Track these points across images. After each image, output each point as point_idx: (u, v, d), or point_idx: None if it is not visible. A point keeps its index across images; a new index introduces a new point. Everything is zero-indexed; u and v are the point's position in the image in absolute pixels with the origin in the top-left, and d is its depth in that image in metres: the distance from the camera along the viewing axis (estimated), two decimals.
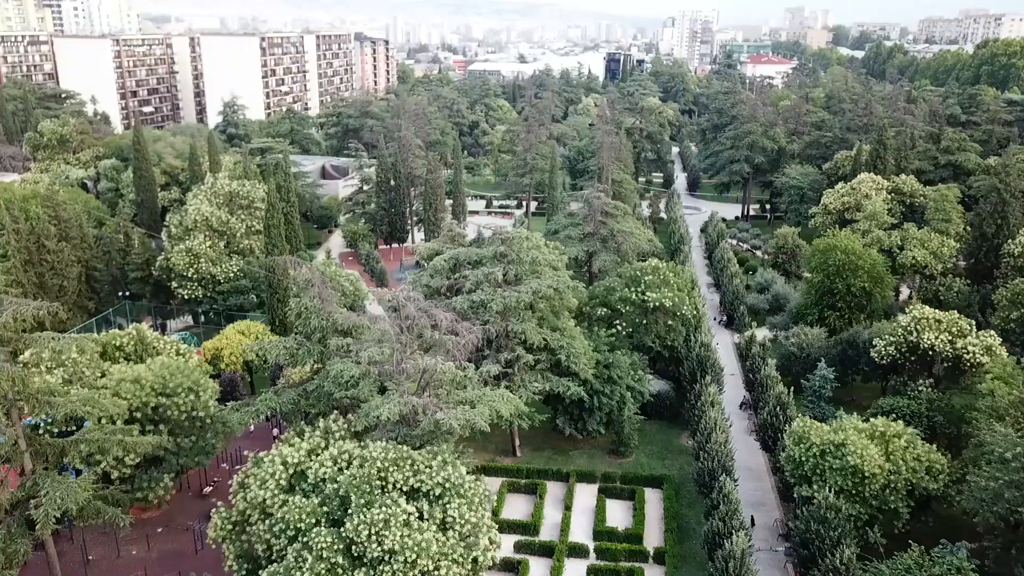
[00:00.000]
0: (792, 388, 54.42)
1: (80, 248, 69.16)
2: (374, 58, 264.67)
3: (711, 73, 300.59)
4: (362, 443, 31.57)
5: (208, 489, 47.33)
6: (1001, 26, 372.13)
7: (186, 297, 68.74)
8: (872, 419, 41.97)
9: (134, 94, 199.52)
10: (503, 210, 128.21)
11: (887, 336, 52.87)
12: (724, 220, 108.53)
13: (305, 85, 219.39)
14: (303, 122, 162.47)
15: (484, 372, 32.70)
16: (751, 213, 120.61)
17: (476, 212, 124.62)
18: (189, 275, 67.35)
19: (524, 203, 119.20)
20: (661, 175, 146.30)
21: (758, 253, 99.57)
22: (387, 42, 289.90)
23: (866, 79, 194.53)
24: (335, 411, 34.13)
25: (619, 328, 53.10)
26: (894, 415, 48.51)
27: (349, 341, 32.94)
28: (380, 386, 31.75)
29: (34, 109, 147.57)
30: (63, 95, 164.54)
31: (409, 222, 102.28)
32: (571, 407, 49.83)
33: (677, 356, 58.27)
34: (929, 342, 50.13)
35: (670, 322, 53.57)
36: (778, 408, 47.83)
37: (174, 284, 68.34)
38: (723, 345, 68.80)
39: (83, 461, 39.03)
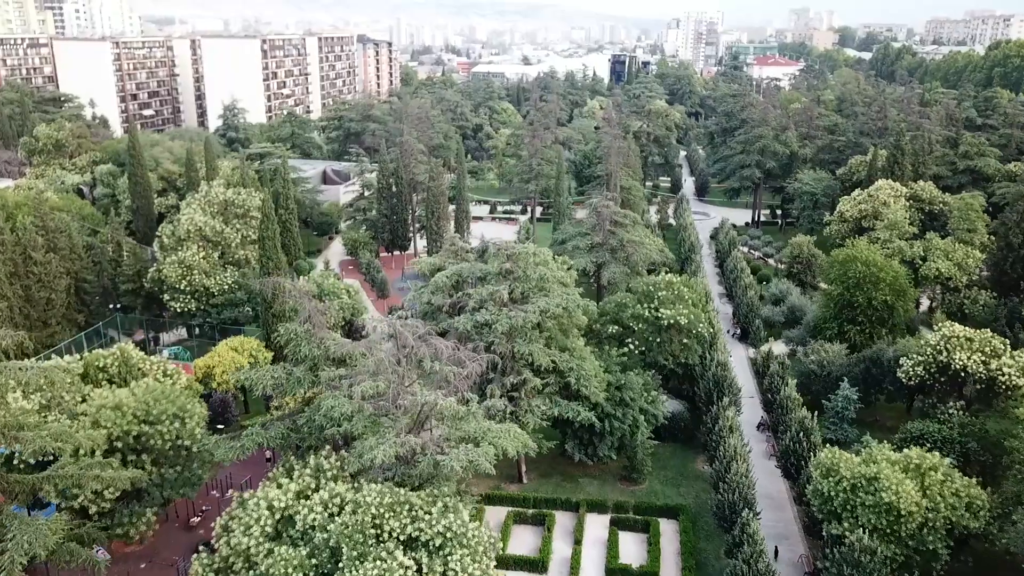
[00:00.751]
0: (812, 408, 51.70)
1: (69, 259, 66.54)
2: (377, 60, 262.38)
3: (717, 75, 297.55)
4: (356, 484, 28.86)
5: (196, 519, 44.63)
6: (1010, 27, 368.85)
7: (179, 310, 66.13)
8: (906, 449, 39.02)
9: (134, 97, 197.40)
10: (507, 216, 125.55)
11: (915, 355, 50.04)
12: (734, 226, 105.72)
13: (307, 88, 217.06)
14: (304, 125, 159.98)
15: (490, 406, 29.96)
16: (762, 219, 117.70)
17: (480, 218, 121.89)
18: (181, 287, 64.74)
19: (529, 209, 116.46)
20: (668, 179, 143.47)
21: (770, 261, 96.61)
22: (390, 44, 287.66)
23: (876, 81, 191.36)
24: (327, 446, 31.45)
25: (631, 347, 50.31)
26: (924, 440, 45.73)
27: (342, 372, 30.23)
28: (375, 420, 29.04)
29: (31, 113, 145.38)
30: (61, 98, 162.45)
31: (411, 229, 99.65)
32: (581, 431, 47.06)
33: (691, 374, 55.54)
34: (961, 363, 47.27)
35: (685, 340, 50.75)
36: (801, 434, 44.94)
37: (166, 297, 65.72)
38: (737, 359, 66.01)
39: (58, 495, 36.42)
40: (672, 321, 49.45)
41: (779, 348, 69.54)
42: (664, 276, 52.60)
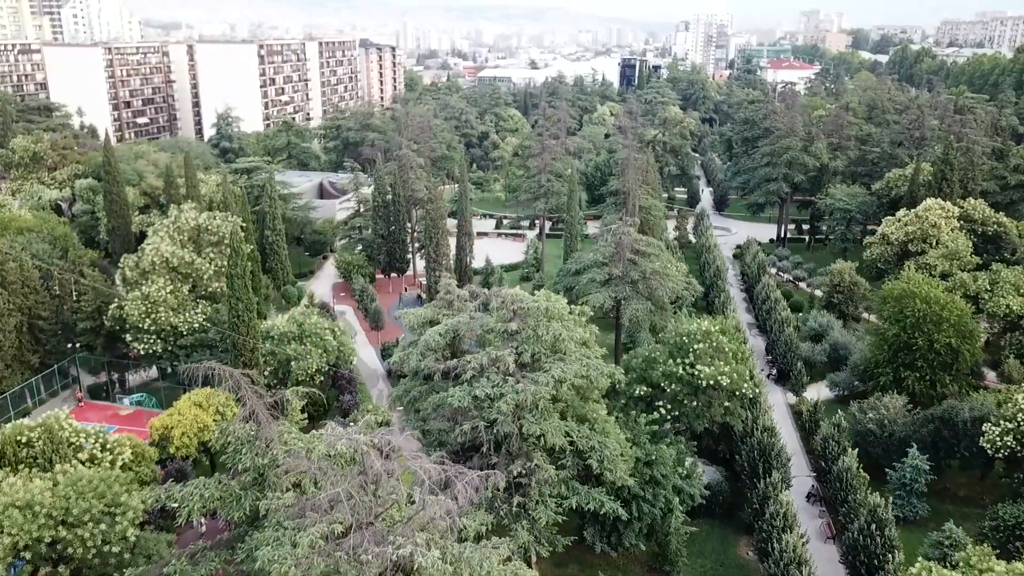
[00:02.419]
0: (869, 470, 43.83)
1: (20, 294, 59.05)
2: (380, 65, 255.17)
3: (731, 79, 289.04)
4: None
5: None
6: None
7: (142, 352, 58.47)
8: (1017, 562, 30.85)
9: (128, 105, 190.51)
10: (514, 231, 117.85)
11: (1002, 422, 41.88)
12: (759, 244, 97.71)
13: (307, 94, 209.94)
14: (301, 135, 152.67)
15: (489, 549, 22.10)
16: (788, 235, 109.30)
17: (485, 234, 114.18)
18: (145, 327, 57.07)
19: (537, 223, 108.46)
20: (685, 191, 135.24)
21: (802, 285, 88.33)
22: (394, 48, 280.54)
23: (901, 85, 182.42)
24: None
25: (662, 411, 42.30)
26: (1022, 531, 37.65)
27: (289, 499, 22.51)
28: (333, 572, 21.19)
29: (15, 122, 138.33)
30: (48, 107, 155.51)
31: (410, 249, 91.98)
32: (603, 516, 39.05)
33: (729, 433, 47.57)
34: None
35: (727, 403, 42.68)
36: (873, 526, 36.76)
37: (128, 337, 58.08)
38: (775, 404, 57.71)
39: None
40: (712, 381, 41.43)
41: (822, 392, 61.54)
42: (700, 324, 44.52)
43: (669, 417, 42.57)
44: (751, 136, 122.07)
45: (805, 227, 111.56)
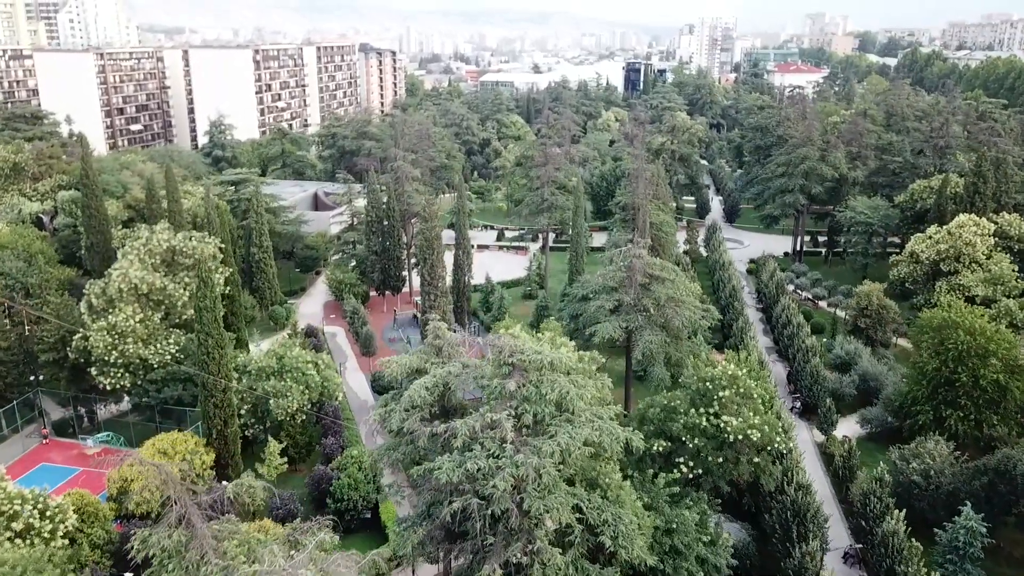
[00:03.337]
0: (911, 522, 38.71)
1: None
2: (380, 70, 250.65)
3: (738, 83, 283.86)
4: None
5: None
6: None
7: (109, 387, 53.50)
8: None
9: (121, 111, 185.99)
10: (516, 244, 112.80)
11: None
12: (775, 258, 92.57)
13: (304, 100, 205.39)
14: (297, 143, 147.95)
15: None
16: (804, 249, 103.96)
17: (485, 247, 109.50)
18: (112, 359, 52.13)
19: (541, 236, 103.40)
20: (694, 200, 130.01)
21: (822, 304, 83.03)
22: (394, 52, 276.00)
23: (914, 90, 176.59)
24: None
25: (683, 468, 37.12)
26: None
27: None
28: None
29: (0, 131, 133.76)
30: (36, 114, 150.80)
31: (406, 266, 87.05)
32: None
33: (756, 485, 42.40)
34: None
35: (757, 459, 37.49)
36: None
37: (93, 371, 53.14)
38: (800, 443, 52.41)
39: None
40: (741, 435, 36.26)
41: (851, 428, 56.35)
42: (725, 368, 39.30)
43: (691, 475, 37.37)
44: (763, 144, 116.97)
45: (821, 239, 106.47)
